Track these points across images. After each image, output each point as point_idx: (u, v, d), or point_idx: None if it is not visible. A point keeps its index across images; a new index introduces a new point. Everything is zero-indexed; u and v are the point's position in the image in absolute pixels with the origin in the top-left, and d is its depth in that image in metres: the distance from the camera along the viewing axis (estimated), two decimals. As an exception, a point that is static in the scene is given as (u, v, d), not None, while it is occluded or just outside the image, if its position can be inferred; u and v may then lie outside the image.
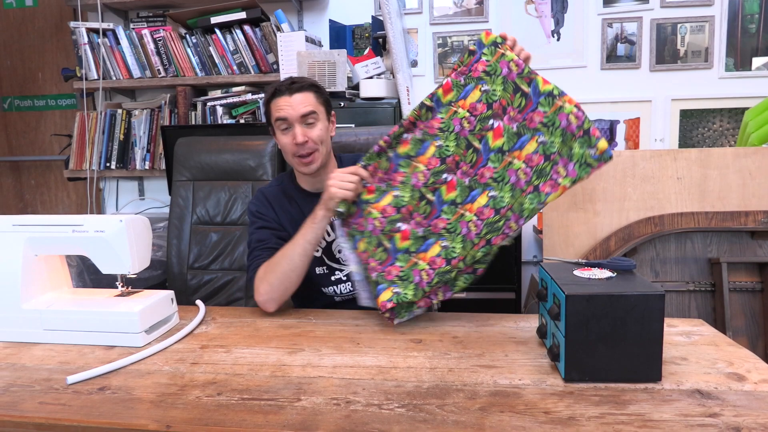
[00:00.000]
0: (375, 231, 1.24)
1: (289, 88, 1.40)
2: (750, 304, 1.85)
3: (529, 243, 2.82)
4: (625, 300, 0.90)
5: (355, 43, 2.85)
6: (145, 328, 1.16)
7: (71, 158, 3.00)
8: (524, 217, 1.10)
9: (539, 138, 1.09)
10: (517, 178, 1.11)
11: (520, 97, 1.12)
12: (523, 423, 0.79)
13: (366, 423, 0.80)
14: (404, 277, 1.19)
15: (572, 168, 1.05)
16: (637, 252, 1.88)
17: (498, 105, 1.14)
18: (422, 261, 1.19)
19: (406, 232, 1.21)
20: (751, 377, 0.92)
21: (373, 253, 1.23)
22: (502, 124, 1.13)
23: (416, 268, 1.19)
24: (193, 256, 2.17)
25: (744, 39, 2.61)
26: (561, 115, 1.07)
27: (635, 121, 2.72)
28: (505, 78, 1.14)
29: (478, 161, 1.16)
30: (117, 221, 1.18)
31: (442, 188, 1.19)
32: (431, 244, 1.19)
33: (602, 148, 1.02)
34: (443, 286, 1.21)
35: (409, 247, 1.21)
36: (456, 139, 1.17)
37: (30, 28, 3.44)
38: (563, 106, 1.07)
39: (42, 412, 0.86)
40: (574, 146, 1.05)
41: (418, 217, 1.21)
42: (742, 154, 1.87)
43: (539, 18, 2.73)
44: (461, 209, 1.17)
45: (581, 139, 1.04)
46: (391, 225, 1.22)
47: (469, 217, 1.15)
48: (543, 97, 1.09)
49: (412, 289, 1.17)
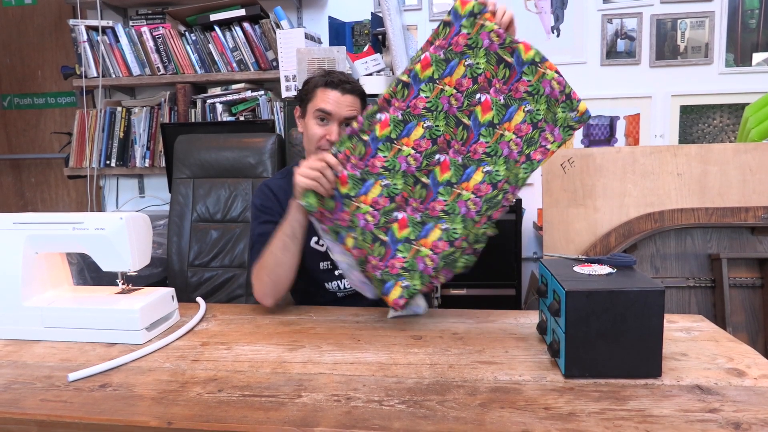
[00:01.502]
0: (368, 226, 1.18)
1: (343, 86, 1.38)
2: (750, 300, 1.85)
3: (529, 239, 2.82)
4: (625, 296, 0.90)
5: (354, 39, 2.84)
6: (146, 326, 1.16)
7: (71, 156, 3.00)
8: (520, 187, 1.13)
9: (526, 107, 1.11)
10: (509, 149, 1.12)
11: (504, 68, 1.12)
12: (524, 419, 0.79)
13: (366, 419, 0.80)
14: (409, 267, 1.16)
15: (557, 132, 1.09)
16: (637, 248, 1.88)
17: (483, 78, 1.13)
18: (424, 247, 1.16)
19: (404, 220, 1.17)
20: (751, 373, 0.93)
21: (370, 249, 1.18)
22: (490, 97, 1.12)
23: (419, 256, 1.16)
24: (194, 253, 2.17)
25: (744, 34, 2.60)
26: (544, 82, 1.09)
27: (635, 117, 2.72)
28: (487, 50, 1.12)
29: (469, 138, 1.14)
30: (117, 219, 1.18)
31: (435, 170, 1.16)
32: (430, 228, 1.16)
33: (582, 110, 1.08)
34: (444, 269, 1.19)
35: (408, 235, 1.17)
36: (445, 117, 1.14)
37: (29, 26, 3.43)
38: (546, 72, 1.09)
39: (43, 410, 0.86)
40: (558, 111, 1.09)
41: (414, 203, 1.17)
42: (742, 149, 1.87)
43: (539, 14, 2.72)
44: (457, 189, 1.15)
45: (564, 104, 1.09)
46: (386, 217, 1.18)
47: (466, 196, 1.14)
48: (527, 66, 1.10)
49: (419, 278, 1.16)
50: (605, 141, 2.76)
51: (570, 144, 2.78)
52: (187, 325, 1.22)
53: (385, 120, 1.15)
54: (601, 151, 1.96)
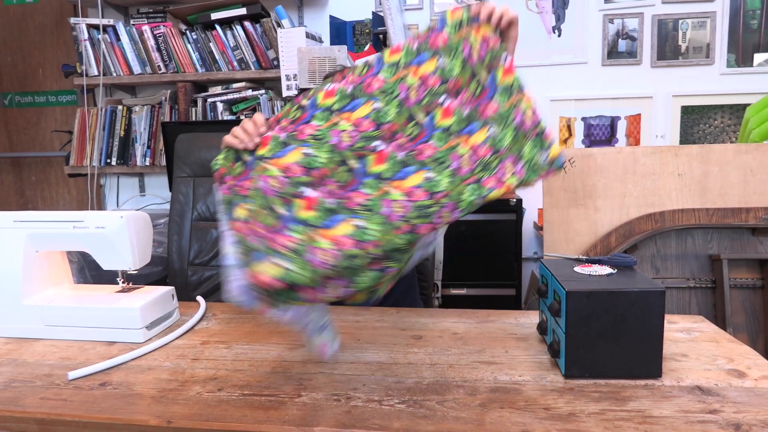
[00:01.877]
0: (268, 191, 0.96)
1: None
2: (750, 301, 1.85)
3: (529, 239, 2.82)
4: (626, 296, 0.90)
5: (355, 39, 2.84)
6: (146, 324, 1.16)
7: (72, 154, 3.00)
8: (461, 209, 0.92)
9: (490, 129, 0.97)
10: (459, 165, 0.97)
11: (476, 83, 1.01)
12: (523, 419, 0.79)
13: (366, 419, 0.80)
14: (297, 250, 0.90)
15: (521, 168, 0.94)
16: (638, 248, 1.88)
17: (453, 83, 1.01)
18: (323, 239, 0.91)
19: (313, 200, 0.95)
20: (752, 374, 0.92)
21: (257, 214, 0.95)
22: (455, 104, 1.01)
23: (313, 245, 0.90)
24: (194, 252, 2.17)
25: (746, 35, 2.60)
26: (516, 110, 0.97)
27: (636, 117, 2.72)
28: (465, 60, 1.01)
29: (419, 136, 1.00)
30: (118, 217, 1.18)
31: (369, 157, 0.99)
32: (340, 220, 0.94)
33: (553, 155, 0.93)
34: (342, 278, 0.91)
35: (309, 219, 0.94)
36: (399, 106, 1.00)
37: (30, 24, 3.43)
38: (520, 102, 0.97)
39: (43, 408, 0.86)
40: (526, 146, 0.95)
41: (331, 185, 0.97)
42: (743, 150, 1.87)
43: (540, 14, 2.72)
44: (387, 186, 0.96)
45: (534, 140, 0.95)
46: (294, 188, 0.96)
47: (395, 196, 0.94)
48: (501, 89, 0.99)
49: (301, 267, 0.88)
50: (606, 141, 2.76)
51: (571, 144, 2.78)
52: (187, 324, 1.21)
53: (332, 90, 1.04)
54: (602, 151, 1.96)
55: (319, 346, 0.86)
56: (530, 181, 0.93)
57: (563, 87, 2.74)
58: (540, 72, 2.75)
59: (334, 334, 0.91)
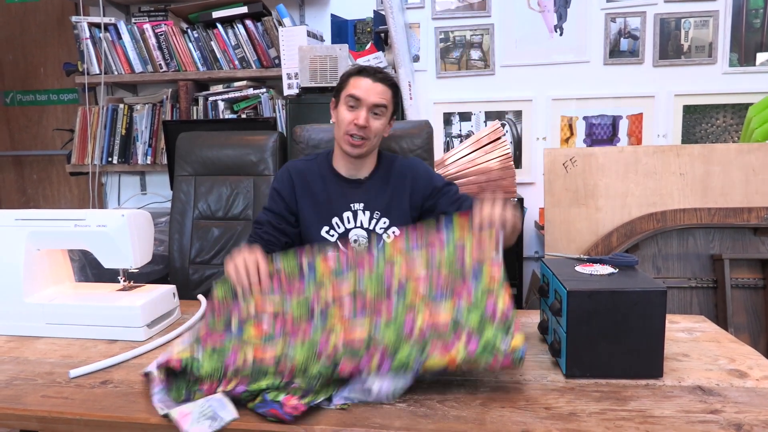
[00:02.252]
0: (240, 314, 1.04)
1: (375, 75, 1.42)
2: (752, 301, 1.85)
3: (530, 239, 2.81)
4: (627, 296, 0.89)
5: (356, 37, 2.84)
6: (147, 323, 1.16)
7: (73, 153, 3.00)
8: (391, 363, 0.88)
9: (456, 310, 0.96)
10: (411, 328, 0.95)
11: (459, 275, 1.03)
12: (524, 418, 0.79)
13: (367, 418, 0.80)
14: (218, 350, 0.95)
15: (474, 344, 0.89)
16: (639, 248, 1.88)
17: (436, 272, 1.04)
18: (250, 352, 0.94)
19: (265, 330, 1.01)
20: (753, 374, 0.92)
21: (214, 325, 1.00)
22: (429, 283, 1.03)
23: (238, 353, 0.94)
24: (195, 250, 2.17)
25: (748, 34, 2.60)
26: (489, 301, 0.96)
27: (638, 116, 2.71)
28: (454, 257, 1.05)
29: (385, 300, 1.02)
30: (119, 216, 1.18)
31: (331, 309, 1.02)
32: (274, 344, 0.96)
33: (515, 345, 0.88)
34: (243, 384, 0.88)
35: (250, 338, 0.99)
36: (379, 283, 1.05)
37: (32, 22, 3.43)
38: (497, 297, 0.96)
39: (44, 406, 0.87)
40: (487, 328, 0.91)
41: (288, 323, 1.02)
42: (745, 150, 1.87)
43: (542, 13, 2.72)
44: (334, 326, 0.99)
45: (498, 325, 0.91)
46: (256, 318, 1.03)
47: (336, 331, 0.97)
48: (482, 284, 1.00)
49: (208, 360, 0.92)
50: (608, 140, 2.75)
51: (572, 143, 2.77)
52: (188, 323, 1.22)
53: (331, 258, 1.10)
54: (604, 150, 1.96)
55: (184, 411, 0.82)
56: (479, 360, 0.86)
57: (565, 86, 2.74)
58: (541, 71, 2.75)
59: None
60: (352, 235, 1.46)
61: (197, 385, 0.87)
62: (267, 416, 0.81)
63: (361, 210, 1.46)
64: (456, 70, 2.81)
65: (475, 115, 2.83)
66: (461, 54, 2.80)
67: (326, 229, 1.45)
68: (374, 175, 1.50)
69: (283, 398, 0.82)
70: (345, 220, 1.45)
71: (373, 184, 1.49)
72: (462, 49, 2.80)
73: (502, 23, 2.75)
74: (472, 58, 2.80)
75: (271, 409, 0.81)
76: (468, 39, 2.79)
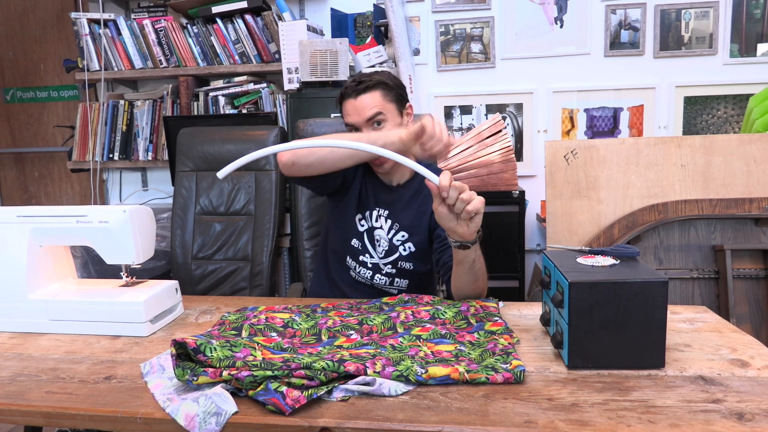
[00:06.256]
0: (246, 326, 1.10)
1: (355, 89, 1.39)
2: (754, 291, 1.85)
3: (532, 231, 2.82)
4: (629, 287, 0.90)
5: (357, 31, 2.83)
6: (150, 318, 1.16)
7: (74, 149, 3.00)
8: (394, 369, 0.89)
9: (459, 349, 1.00)
10: (416, 353, 0.98)
11: (463, 323, 1.11)
12: (527, 410, 0.79)
13: (370, 410, 0.81)
14: (231, 344, 0.95)
15: (475, 366, 0.92)
16: (641, 239, 1.88)
17: (440, 321, 1.11)
18: (260, 354, 0.95)
19: (273, 339, 1.05)
20: (755, 363, 0.93)
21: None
22: (434, 328, 1.08)
23: (248, 348, 0.96)
24: (197, 246, 2.18)
25: (749, 25, 2.59)
26: (492, 342, 1.02)
27: (639, 108, 2.71)
28: (459, 311, 1.15)
29: (391, 336, 1.07)
30: (121, 212, 1.19)
31: (340, 338, 1.07)
32: (281, 354, 0.96)
33: (515, 364, 0.91)
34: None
35: (260, 341, 1.02)
36: (385, 320, 1.12)
37: (31, 19, 3.43)
38: (499, 340, 1.02)
39: (48, 401, 0.87)
40: (487, 359, 0.95)
41: (296, 341, 1.06)
42: (746, 140, 1.86)
43: (542, 5, 2.71)
44: (341, 352, 0.99)
45: (498, 356, 0.96)
46: (267, 330, 1.09)
47: (343, 354, 0.96)
48: (485, 332, 1.07)
49: (221, 349, 0.92)
50: (609, 132, 2.75)
51: (573, 136, 2.77)
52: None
53: (332, 321, 1.13)
54: (605, 142, 1.96)
55: (189, 414, 0.81)
56: (479, 374, 0.88)
57: (565, 78, 2.73)
58: (542, 63, 2.74)
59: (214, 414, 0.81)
60: (377, 235, 1.48)
61: (203, 368, 0.87)
62: (267, 404, 0.81)
63: (384, 217, 1.47)
64: (456, 63, 2.81)
65: (475, 108, 2.83)
66: (461, 47, 2.79)
67: (359, 216, 1.49)
68: (409, 183, 1.50)
69: (286, 389, 0.82)
70: (373, 218, 1.48)
71: (403, 195, 1.49)
72: (462, 42, 2.79)
73: (502, 16, 2.74)
74: (472, 51, 2.79)
75: (272, 398, 0.81)
76: (468, 32, 2.78)
